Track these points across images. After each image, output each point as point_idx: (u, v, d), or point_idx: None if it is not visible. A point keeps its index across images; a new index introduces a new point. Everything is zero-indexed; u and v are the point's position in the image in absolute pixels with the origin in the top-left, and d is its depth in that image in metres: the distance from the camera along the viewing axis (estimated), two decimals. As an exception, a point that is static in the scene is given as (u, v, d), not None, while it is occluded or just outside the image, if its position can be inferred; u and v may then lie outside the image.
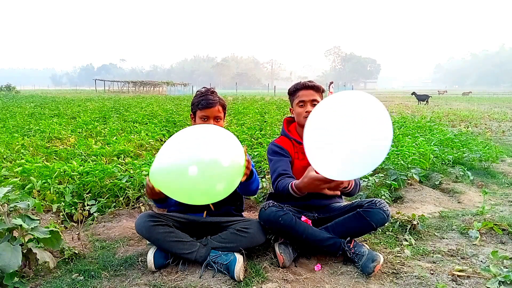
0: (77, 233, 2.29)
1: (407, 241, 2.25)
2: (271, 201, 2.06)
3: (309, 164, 1.67)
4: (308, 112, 2.11)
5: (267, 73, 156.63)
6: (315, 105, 2.13)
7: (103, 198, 2.79)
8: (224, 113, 2.16)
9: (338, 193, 1.63)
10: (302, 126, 2.18)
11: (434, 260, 2.02)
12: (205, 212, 2.09)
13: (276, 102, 16.13)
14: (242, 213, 2.32)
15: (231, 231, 1.98)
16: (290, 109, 2.29)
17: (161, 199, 1.89)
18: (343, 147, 1.50)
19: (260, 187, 3.21)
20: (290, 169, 2.11)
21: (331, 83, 18.95)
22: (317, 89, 2.17)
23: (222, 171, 1.54)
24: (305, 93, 2.15)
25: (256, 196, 3.09)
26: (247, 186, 1.93)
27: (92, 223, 2.52)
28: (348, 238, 2.00)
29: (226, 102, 2.21)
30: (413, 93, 20.66)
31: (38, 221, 1.83)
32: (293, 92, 2.22)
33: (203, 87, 2.23)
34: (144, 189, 1.78)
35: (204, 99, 2.08)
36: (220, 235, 1.98)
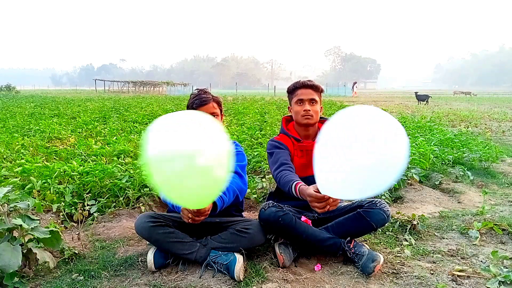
0: (77, 233, 2.30)
1: (407, 241, 2.25)
2: (271, 201, 2.05)
3: (308, 162, 1.67)
4: (306, 111, 2.12)
5: (267, 73, 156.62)
6: (313, 104, 2.14)
7: (103, 198, 2.79)
8: (221, 110, 2.17)
9: (326, 209, 1.66)
10: (300, 124, 2.19)
11: (434, 260, 2.02)
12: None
13: (276, 102, 16.13)
14: (242, 213, 2.32)
15: (231, 231, 1.98)
16: (288, 108, 2.31)
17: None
18: (351, 175, 1.45)
19: (260, 187, 3.22)
20: (290, 161, 2.11)
21: (355, 83, 18.87)
22: (316, 89, 2.18)
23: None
24: (304, 91, 2.16)
25: (256, 196, 3.10)
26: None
27: (92, 223, 2.52)
28: (348, 238, 2.00)
29: (221, 99, 2.21)
30: (416, 93, 20.64)
31: (38, 221, 1.83)
32: (292, 90, 2.23)
33: (196, 89, 2.25)
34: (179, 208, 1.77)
35: (197, 98, 2.11)
36: (220, 235, 1.98)
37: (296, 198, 1.90)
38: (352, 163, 1.44)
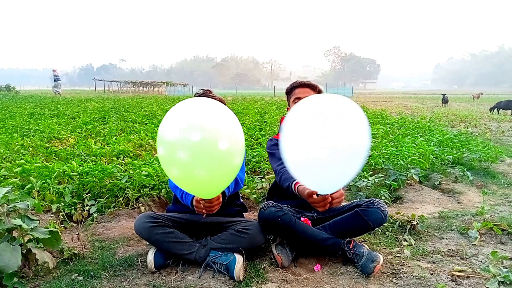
0: (77, 233, 2.29)
1: (406, 241, 2.25)
2: (270, 201, 2.06)
3: None
4: None
5: (266, 73, 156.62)
6: None
7: (103, 199, 2.79)
8: None
9: (326, 207, 1.68)
10: None
11: (434, 260, 2.02)
12: (204, 214, 2.08)
13: (276, 102, 16.14)
14: (244, 213, 2.33)
15: (231, 232, 1.98)
16: (287, 108, 2.32)
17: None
18: (323, 163, 1.48)
19: (259, 187, 3.22)
20: None
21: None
22: (314, 88, 2.22)
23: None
24: (301, 90, 2.20)
25: (256, 196, 3.10)
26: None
27: (92, 223, 2.52)
28: (348, 239, 2.00)
29: (224, 101, 2.22)
30: (443, 95, 20.30)
31: (38, 222, 1.83)
32: (290, 90, 2.28)
33: (201, 89, 2.25)
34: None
35: None
36: (219, 236, 1.98)
37: (294, 196, 1.90)
38: (323, 156, 1.46)
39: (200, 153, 1.42)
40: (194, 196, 1.80)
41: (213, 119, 1.48)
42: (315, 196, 1.69)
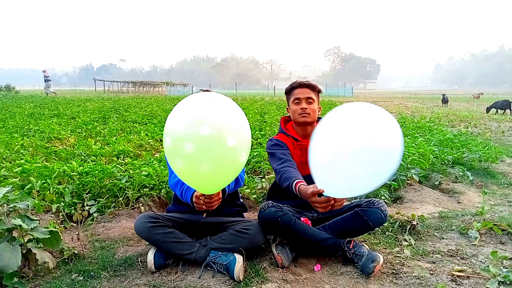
0: (77, 233, 2.29)
1: (406, 241, 2.25)
2: (270, 201, 2.06)
3: (307, 161, 1.69)
4: (303, 109, 2.14)
5: (266, 73, 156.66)
6: (310, 102, 2.16)
7: (103, 199, 2.79)
8: None
9: (327, 210, 1.67)
10: (297, 123, 2.21)
11: (434, 260, 2.02)
12: (205, 213, 2.09)
13: (276, 102, 16.14)
14: (244, 213, 2.32)
15: (231, 232, 1.98)
16: (287, 108, 2.33)
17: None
18: (349, 171, 1.49)
19: (259, 187, 3.22)
20: (292, 158, 2.12)
21: None
22: (313, 88, 2.22)
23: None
24: (300, 91, 2.20)
25: (256, 196, 3.10)
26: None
27: (92, 223, 2.52)
28: (348, 239, 2.00)
29: None
30: (443, 95, 20.36)
31: (38, 222, 1.83)
32: (289, 90, 2.28)
33: (200, 89, 2.25)
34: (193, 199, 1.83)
35: None
36: (219, 236, 1.98)
37: (294, 196, 1.90)
38: (349, 159, 1.47)
39: (207, 147, 1.42)
40: (194, 193, 1.80)
41: (224, 114, 1.49)
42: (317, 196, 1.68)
